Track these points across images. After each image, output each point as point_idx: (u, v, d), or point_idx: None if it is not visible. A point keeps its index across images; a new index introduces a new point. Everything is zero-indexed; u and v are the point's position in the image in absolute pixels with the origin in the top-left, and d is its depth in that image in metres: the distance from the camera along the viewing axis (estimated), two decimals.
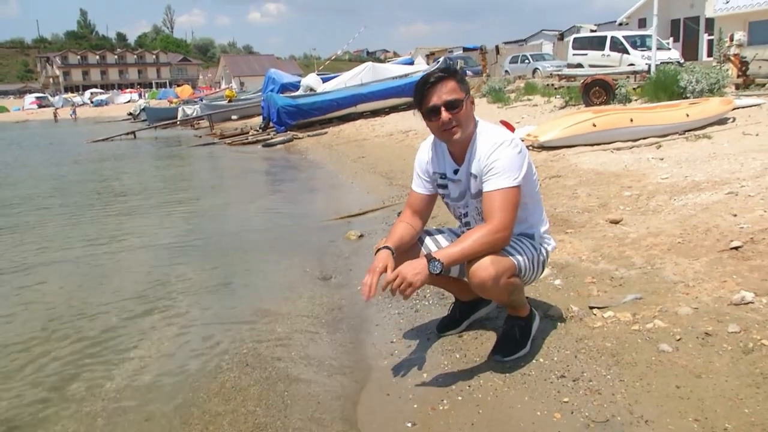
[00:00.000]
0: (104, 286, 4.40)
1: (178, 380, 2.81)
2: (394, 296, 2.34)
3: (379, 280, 2.34)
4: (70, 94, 75.47)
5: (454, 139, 2.46)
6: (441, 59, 21.98)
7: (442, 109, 2.39)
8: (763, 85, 11.59)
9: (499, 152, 2.40)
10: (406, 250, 2.59)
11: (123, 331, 3.46)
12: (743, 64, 11.93)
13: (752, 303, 2.79)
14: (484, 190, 2.43)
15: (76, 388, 2.80)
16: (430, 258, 2.29)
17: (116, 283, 4.43)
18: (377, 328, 3.20)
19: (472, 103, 2.50)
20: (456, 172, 2.59)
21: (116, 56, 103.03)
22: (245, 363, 2.91)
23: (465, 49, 40.32)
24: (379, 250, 2.48)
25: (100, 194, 9.48)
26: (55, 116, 46.66)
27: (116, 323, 3.61)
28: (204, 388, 2.69)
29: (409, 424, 2.25)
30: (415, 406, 2.38)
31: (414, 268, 2.27)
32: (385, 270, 2.35)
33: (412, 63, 25.19)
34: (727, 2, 25.12)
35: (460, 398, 2.38)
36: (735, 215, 4.01)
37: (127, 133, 22.11)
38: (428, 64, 24.49)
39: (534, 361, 2.59)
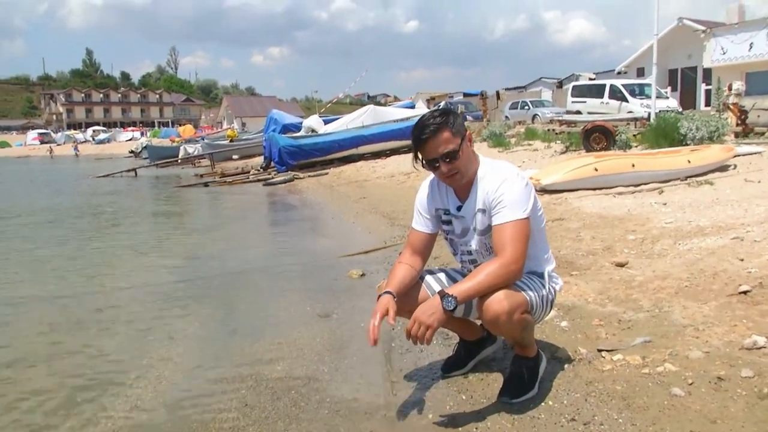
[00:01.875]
0: (101, 324, 4.32)
1: (175, 419, 2.73)
2: (416, 345, 2.29)
3: (381, 324, 2.30)
4: (72, 131, 76.13)
5: (456, 185, 2.51)
6: (442, 104, 22.23)
7: (440, 161, 2.40)
8: (763, 133, 11.69)
9: (506, 185, 2.40)
10: (409, 291, 2.55)
11: (120, 370, 3.38)
12: (742, 113, 12.06)
13: (765, 347, 2.73)
14: (493, 224, 2.40)
15: (71, 426, 2.71)
16: (443, 294, 2.24)
17: (112, 323, 4.36)
18: (380, 368, 3.12)
19: (471, 141, 2.49)
20: (459, 208, 2.57)
21: (120, 95, 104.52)
22: (244, 403, 2.83)
23: (465, 95, 40.91)
24: (380, 295, 2.44)
25: (97, 230, 9.44)
26: (51, 152, 46.78)
27: (113, 362, 3.53)
28: (202, 428, 2.60)
29: None
30: None
31: (429, 309, 2.24)
32: (387, 314, 2.32)
33: (413, 107, 25.50)
34: (725, 53, 25.65)
35: None
36: (742, 260, 3.97)
37: (129, 170, 22.19)
38: (428, 108, 24.75)
39: (543, 404, 2.51)
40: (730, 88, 12.57)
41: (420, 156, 2.46)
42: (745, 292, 3.42)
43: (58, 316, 4.53)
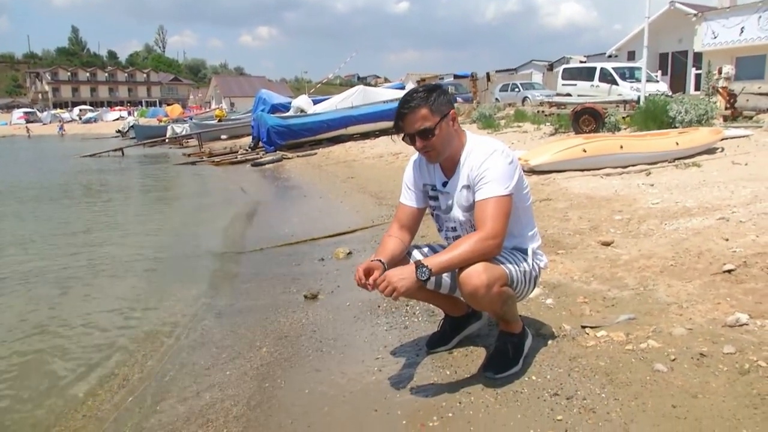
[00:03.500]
0: (84, 301, 4.30)
1: (163, 402, 2.72)
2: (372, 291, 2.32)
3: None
4: (58, 110, 75.19)
5: (432, 161, 2.52)
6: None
7: (416, 137, 2.41)
8: (751, 117, 11.72)
9: (490, 162, 2.39)
10: (397, 264, 2.53)
11: (105, 355, 3.37)
12: (731, 97, 12.08)
13: (747, 325, 2.75)
14: (476, 199, 2.40)
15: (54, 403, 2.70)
16: (418, 264, 2.24)
17: (94, 301, 4.33)
18: (365, 344, 3.11)
19: (454, 120, 2.47)
20: (445, 184, 2.57)
21: (107, 74, 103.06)
22: (229, 383, 2.82)
23: (456, 76, 40.69)
24: (371, 261, 2.43)
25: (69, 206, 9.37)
26: (28, 132, 46.11)
27: (95, 347, 3.51)
28: (191, 415, 2.59)
29: None
30: (405, 422, 2.30)
31: (401, 273, 2.24)
32: (371, 269, 2.36)
33: (403, 88, 25.36)
34: (715, 37, 25.65)
35: (450, 415, 2.30)
36: (727, 240, 3.99)
37: (115, 150, 21.95)
38: None
39: (526, 378, 2.52)
40: (719, 72, 12.57)
41: (398, 131, 2.48)
42: (729, 271, 3.43)
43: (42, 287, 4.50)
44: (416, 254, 2.67)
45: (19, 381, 3.05)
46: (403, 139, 2.49)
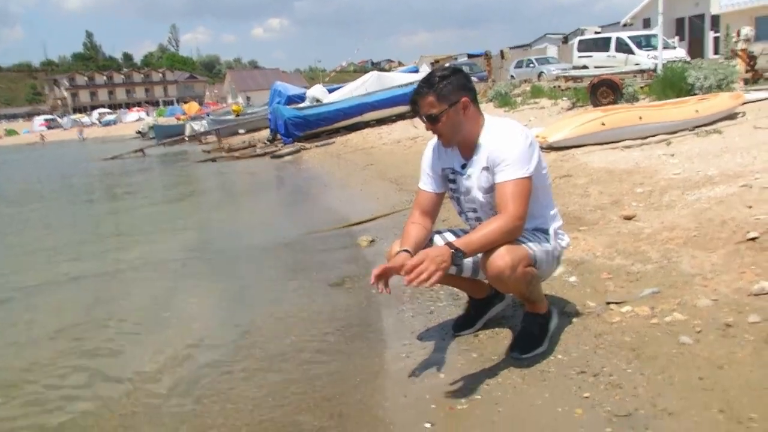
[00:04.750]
0: (109, 303, 4.40)
1: (192, 389, 2.79)
2: (410, 285, 2.18)
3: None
4: (78, 115, 76.12)
5: (444, 145, 2.58)
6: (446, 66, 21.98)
7: (425, 120, 2.50)
8: None
9: (510, 144, 2.41)
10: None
11: (131, 346, 3.46)
12: (751, 59, 11.82)
13: None
14: (496, 182, 2.42)
15: (85, 407, 2.79)
16: (452, 247, 2.25)
17: (126, 296, 4.44)
18: (392, 331, 3.16)
19: (465, 108, 2.47)
20: (464, 167, 2.59)
21: (123, 76, 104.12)
22: (259, 368, 2.89)
23: (470, 56, 40.22)
24: (398, 252, 2.46)
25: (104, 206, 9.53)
26: (42, 139, 46.55)
27: (126, 336, 3.61)
28: (216, 394, 2.66)
29: (428, 425, 2.22)
30: (433, 406, 2.34)
31: (440, 256, 2.20)
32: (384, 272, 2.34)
33: (417, 71, 25.22)
34: None
35: (478, 397, 2.34)
36: (750, 207, 3.95)
37: (136, 151, 22.20)
38: None
39: (552, 357, 2.54)
40: (738, 34, 12.30)
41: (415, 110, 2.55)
42: (753, 239, 3.40)
43: (75, 292, 4.62)
44: (438, 239, 2.70)
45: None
46: (420, 119, 2.55)
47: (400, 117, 16.99)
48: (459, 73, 2.51)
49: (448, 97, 2.43)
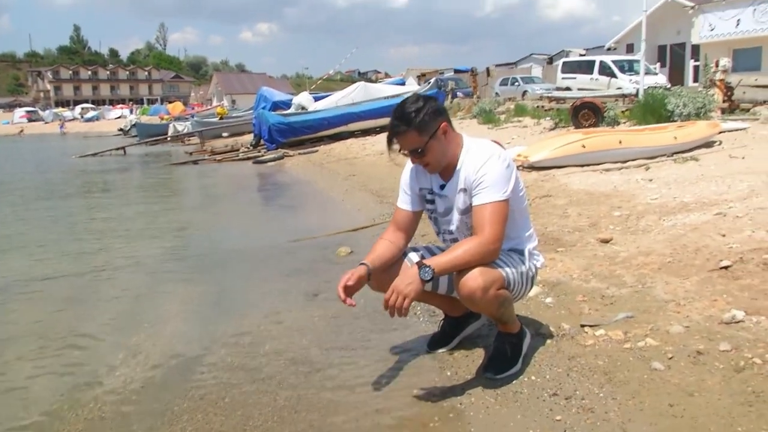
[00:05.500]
0: (90, 300, 4.35)
1: (162, 395, 2.76)
2: (394, 316, 2.32)
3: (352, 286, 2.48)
4: (60, 109, 75.21)
5: (431, 172, 2.59)
6: (432, 80, 22.07)
7: (409, 154, 2.52)
8: (748, 110, 11.74)
9: (487, 166, 2.43)
10: (389, 267, 2.60)
11: (108, 347, 3.42)
12: (729, 90, 12.08)
13: (743, 322, 2.79)
14: (473, 204, 2.45)
15: (59, 407, 2.74)
16: (420, 264, 2.29)
17: (101, 299, 4.38)
18: (367, 345, 3.16)
19: (445, 133, 2.49)
20: (442, 187, 2.61)
21: (108, 72, 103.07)
22: (231, 377, 2.87)
23: (456, 71, 40.61)
24: (359, 264, 2.53)
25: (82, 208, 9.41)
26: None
27: (100, 341, 3.56)
28: (186, 401, 2.64)
29: None
30: (406, 423, 2.34)
31: (406, 279, 2.30)
32: (350, 279, 2.45)
33: (403, 83, 25.33)
34: (712, 29, 25.63)
35: (451, 416, 2.35)
36: (724, 235, 4.03)
37: (117, 149, 21.98)
38: (419, 85, 24.60)
39: (526, 378, 2.56)
40: (716, 65, 12.56)
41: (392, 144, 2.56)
42: (726, 267, 3.47)
43: (49, 293, 4.55)
44: (412, 256, 2.71)
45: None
46: (399, 152, 2.54)
47: (385, 129, 16.98)
48: (429, 99, 2.51)
49: (428, 129, 2.44)
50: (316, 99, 19.70)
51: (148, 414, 2.59)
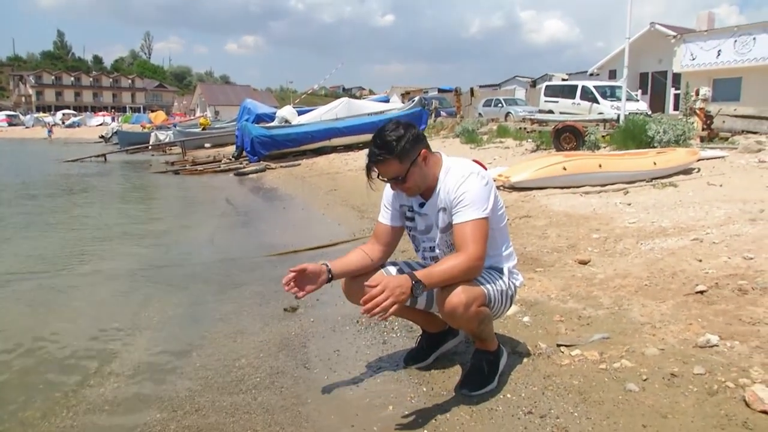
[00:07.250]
0: (64, 309, 4.28)
1: (136, 406, 2.71)
2: (372, 317, 2.17)
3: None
4: (41, 114, 74.41)
5: (411, 196, 2.60)
6: (416, 99, 22.22)
7: (390, 181, 2.54)
8: (727, 138, 11.95)
9: (466, 185, 2.44)
10: (363, 276, 2.62)
11: (75, 358, 3.36)
12: (708, 118, 12.31)
13: (717, 346, 2.82)
14: (454, 222, 2.45)
15: (22, 417, 2.68)
16: (413, 278, 2.25)
17: (74, 309, 4.31)
18: (344, 359, 3.14)
19: (425, 159, 2.50)
20: (422, 206, 2.62)
21: (91, 79, 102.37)
22: (207, 391, 2.83)
23: (440, 90, 40.94)
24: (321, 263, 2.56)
25: (63, 213, 9.29)
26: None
27: (72, 351, 3.50)
28: (161, 411, 2.59)
29: None
30: None
31: (401, 286, 2.21)
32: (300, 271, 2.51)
33: (387, 101, 25.48)
34: (694, 59, 26.15)
35: None
36: (700, 260, 4.08)
37: (98, 155, 21.81)
38: (403, 102, 24.74)
39: (501, 396, 2.56)
40: (697, 93, 12.81)
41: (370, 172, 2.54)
42: (701, 292, 3.51)
43: (22, 297, 4.47)
44: (390, 269, 2.72)
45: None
46: (379, 178, 2.54)
47: (367, 145, 17.01)
48: (409, 126, 2.50)
49: (409, 156, 2.45)
50: (300, 113, 19.75)
51: (121, 426, 2.55)
